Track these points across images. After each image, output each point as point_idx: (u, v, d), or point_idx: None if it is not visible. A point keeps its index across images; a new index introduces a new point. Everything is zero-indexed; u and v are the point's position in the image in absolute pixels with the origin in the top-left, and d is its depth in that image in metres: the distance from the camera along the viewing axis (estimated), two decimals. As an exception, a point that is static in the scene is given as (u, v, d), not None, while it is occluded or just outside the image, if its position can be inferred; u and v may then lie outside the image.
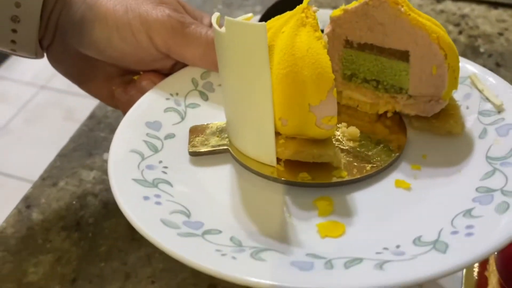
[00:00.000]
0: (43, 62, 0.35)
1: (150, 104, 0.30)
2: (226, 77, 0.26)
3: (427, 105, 0.26)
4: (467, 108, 0.29)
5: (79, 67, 0.33)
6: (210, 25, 0.32)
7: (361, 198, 0.25)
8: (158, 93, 0.30)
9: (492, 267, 0.28)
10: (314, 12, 0.24)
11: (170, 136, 0.28)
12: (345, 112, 0.29)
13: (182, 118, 0.30)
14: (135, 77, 0.33)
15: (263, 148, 0.25)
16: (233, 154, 0.27)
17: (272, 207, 0.25)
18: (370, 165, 0.26)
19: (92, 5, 0.30)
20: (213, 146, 0.27)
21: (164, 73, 0.32)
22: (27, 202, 0.36)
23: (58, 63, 0.33)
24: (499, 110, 0.27)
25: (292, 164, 0.25)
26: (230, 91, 0.26)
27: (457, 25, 0.52)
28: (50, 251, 0.32)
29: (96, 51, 0.31)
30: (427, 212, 0.24)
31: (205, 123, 0.29)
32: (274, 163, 0.25)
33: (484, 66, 0.45)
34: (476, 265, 0.28)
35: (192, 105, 0.31)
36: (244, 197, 0.25)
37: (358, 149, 0.27)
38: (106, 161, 0.37)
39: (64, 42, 0.32)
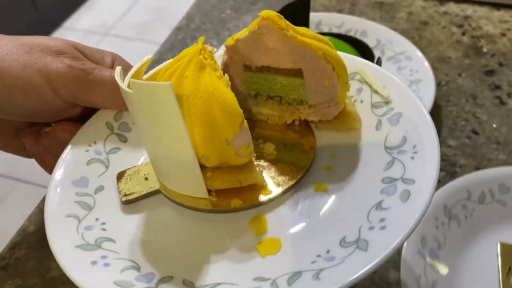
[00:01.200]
0: None
1: (72, 161, 0.29)
2: (142, 128, 0.26)
3: (326, 110, 0.29)
4: (361, 102, 0.31)
5: None
6: (112, 65, 0.32)
7: (288, 209, 0.27)
8: (77, 147, 0.30)
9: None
10: (211, 52, 0.25)
11: (99, 189, 0.28)
12: (259, 126, 0.30)
13: (107, 167, 0.30)
14: (47, 129, 0.32)
15: (193, 184, 0.26)
16: (165, 195, 0.27)
17: (214, 240, 0.26)
18: (290, 175, 0.28)
19: None
20: (144, 191, 0.28)
21: (75, 120, 0.32)
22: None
23: None
24: (387, 101, 0.29)
25: (224, 192, 0.27)
26: (150, 139, 0.26)
27: (460, 26, 0.53)
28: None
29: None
30: (347, 211, 0.26)
31: (130, 167, 0.29)
32: (206, 195, 0.26)
33: (487, 66, 0.47)
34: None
35: (112, 150, 0.31)
36: (185, 236, 0.26)
37: (277, 161, 0.29)
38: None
39: None
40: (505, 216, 0.34)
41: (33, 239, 0.35)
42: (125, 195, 0.28)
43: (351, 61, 0.31)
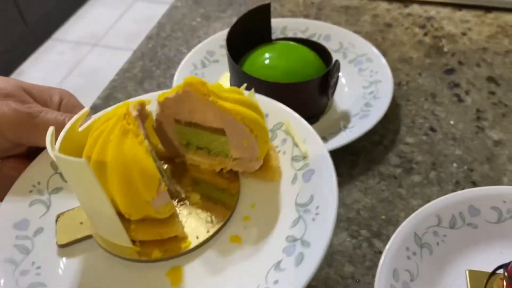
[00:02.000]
0: (42, 79, 0.36)
1: (14, 202, 0.31)
2: (70, 184, 0.28)
3: (249, 164, 0.31)
4: (284, 153, 0.32)
5: None
6: (60, 103, 0.33)
7: (205, 260, 0.28)
8: (20, 189, 0.31)
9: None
10: (135, 118, 0.27)
11: (39, 231, 0.30)
12: (192, 169, 0.32)
13: (48, 208, 0.31)
14: None
15: (118, 235, 0.28)
16: (97, 241, 0.29)
17: (136, 287, 0.28)
18: (211, 225, 0.29)
19: None
20: (78, 236, 0.29)
21: (22, 156, 0.33)
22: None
23: None
24: (304, 156, 0.31)
25: (147, 243, 0.28)
26: (77, 194, 0.28)
27: (422, 27, 0.54)
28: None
29: None
30: (252, 268, 0.27)
31: (69, 209, 0.31)
32: (130, 245, 0.28)
33: (447, 64, 0.48)
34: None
35: (55, 190, 0.32)
36: (111, 283, 0.28)
37: (200, 210, 0.30)
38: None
39: None
40: (476, 239, 0.34)
41: None
42: (61, 238, 0.29)
43: (279, 110, 0.33)
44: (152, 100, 0.30)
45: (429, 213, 0.34)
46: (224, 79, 0.48)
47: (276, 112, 0.32)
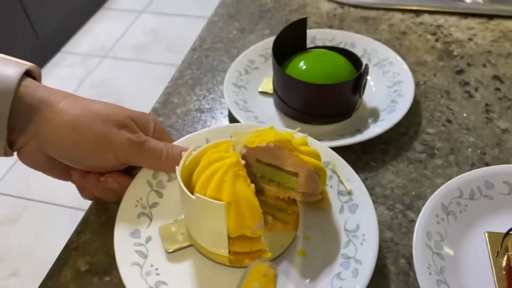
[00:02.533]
0: None
1: (126, 215, 0.39)
2: (186, 211, 0.37)
3: (309, 197, 0.40)
4: (331, 187, 0.41)
5: (47, 163, 0.40)
6: (154, 129, 0.43)
7: (282, 268, 0.38)
8: (128, 204, 0.40)
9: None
10: (244, 166, 0.36)
11: (148, 239, 0.39)
12: (261, 193, 0.41)
13: (150, 220, 0.40)
14: (102, 179, 0.41)
15: (220, 246, 0.36)
16: (197, 249, 0.38)
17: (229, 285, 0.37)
18: (283, 242, 0.39)
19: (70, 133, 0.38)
20: (182, 245, 0.38)
21: (122, 171, 0.42)
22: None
23: (27, 160, 0.40)
24: (349, 192, 0.41)
25: (238, 253, 0.37)
26: (191, 219, 0.37)
27: (433, 34, 0.62)
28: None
29: (69, 163, 0.40)
30: (318, 275, 0.37)
31: (169, 222, 0.40)
32: (227, 254, 0.37)
33: (457, 66, 0.56)
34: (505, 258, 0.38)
35: (153, 205, 0.41)
36: (210, 282, 0.37)
37: (273, 230, 0.40)
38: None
39: (39, 148, 0.39)
40: (492, 207, 0.41)
41: (95, 226, 0.43)
42: (169, 247, 0.38)
43: (329, 154, 0.43)
44: (247, 139, 0.39)
45: (452, 187, 0.41)
46: (266, 83, 0.56)
47: (326, 154, 0.42)
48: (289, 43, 0.53)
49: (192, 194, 0.35)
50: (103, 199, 0.43)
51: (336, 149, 0.46)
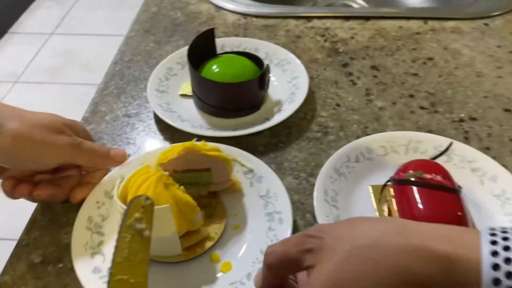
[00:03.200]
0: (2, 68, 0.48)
1: (81, 261, 0.44)
2: None
3: (225, 183, 0.49)
4: (237, 172, 0.51)
5: None
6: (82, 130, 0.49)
7: (224, 243, 0.46)
8: (78, 251, 0.44)
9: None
10: (168, 175, 0.43)
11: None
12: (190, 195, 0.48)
13: (104, 256, 0.44)
14: (35, 193, 0.46)
15: (174, 249, 0.44)
16: (156, 261, 0.44)
17: (194, 272, 0.44)
18: (218, 225, 0.47)
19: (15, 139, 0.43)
20: None
21: (47, 174, 0.48)
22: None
23: None
24: (251, 170, 0.51)
25: (188, 248, 0.45)
26: None
27: (322, 35, 0.74)
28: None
29: (6, 166, 0.46)
30: (254, 234, 0.47)
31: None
32: (181, 252, 0.44)
33: (343, 60, 0.67)
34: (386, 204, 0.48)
35: (99, 243, 0.45)
36: (178, 279, 0.44)
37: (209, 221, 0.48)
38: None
39: None
40: (373, 167, 0.52)
41: (43, 224, 0.48)
42: None
43: (227, 148, 0.52)
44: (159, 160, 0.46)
45: (341, 154, 0.52)
46: (185, 87, 0.64)
47: (224, 149, 0.51)
48: (202, 51, 0.61)
49: None
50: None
51: (249, 136, 0.56)
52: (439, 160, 0.51)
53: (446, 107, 0.60)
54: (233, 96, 0.58)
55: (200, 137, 0.55)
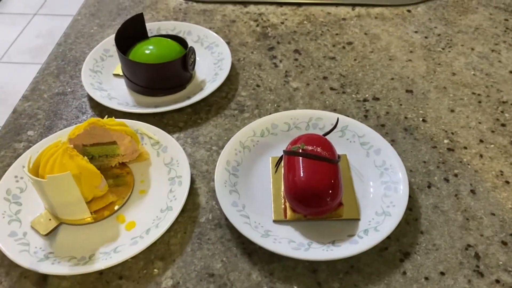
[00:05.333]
0: None
1: None
2: (45, 195, 0.48)
3: (132, 154, 0.55)
4: (145, 144, 0.57)
5: None
6: None
7: (129, 205, 0.53)
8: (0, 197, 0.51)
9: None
10: (72, 148, 0.49)
11: (25, 234, 0.49)
12: (100, 168, 0.52)
13: (20, 222, 0.50)
14: None
15: (82, 213, 0.49)
16: (66, 223, 0.50)
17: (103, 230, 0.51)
18: (125, 193, 0.53)
19: None
20: (53, 225, 0.49)
21: None
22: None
23: None
24: (158, 141, 0.57)
25: (97, 211, 0.51)
26: (51, 200, 0.48)
27: (255, 20, 0.79)
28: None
29: None
30: (155, 197, 0.54)
31: (36, 216, 0.51)
32: (89, 215, 0.50)
33: (270, 44, 0.73)
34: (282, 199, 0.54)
35: (17, 212, 0.51)
36: (88, 240, 0.49)
37: (116, 187, 0.54)
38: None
39: None
40: (277, 141, 0.58)
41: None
42: (43, 232, 0.49)
43: (134, 123, 0.58)
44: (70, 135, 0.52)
45: (248, 129, 0.58)
46: (119, 67, 0.69)
47: (132, 124, 0.57)
48: (132, 34, 0.67)
49: None
50: None
51: (172, 112, 0.62)
52: (333, 135, 0.57)
53: (354, 88, 0.66)
54: (157, 76, 0.64)
55: (125, 114, 0.61)
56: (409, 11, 0.80)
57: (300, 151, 0.51)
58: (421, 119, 0.61)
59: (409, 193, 0.52)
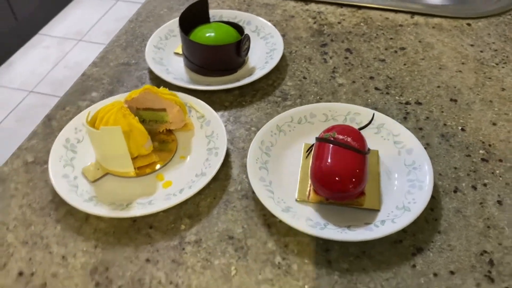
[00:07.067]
0: (30, 70, 0.64)
1: (55, 168, 0.56)
2: (99, 150, 0.55)
3: (179, 123, 0.60)
4: (192, 116, 0.62)
5: None
6: None
7: (170, 167, 0.58)
8: (54, 161, 0.56)
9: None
10: (127, 108, 0.55)
11: (75, 177, 0.56)
12: (149, 131, 0.58)
13: (73, 168, 0.57)
14: None
15: (127, 167, 0.55)
16: (112, 173, 0.56)
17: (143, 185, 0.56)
18: (168, 154, 0.59)
19: None
20: (100, 174, 0.56)
21: None
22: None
23: None
24: (202, 115, 0.62)
25: (140, 168, 0.57)
26: (101, 150, 0.54)
27: (314, 18, 0.82)
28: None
29: None
30: (192, 164, 0.58)
31: (88, 164, 0.57)
32: (133, 170, 0.55)
33: (323, 41, 0.75)
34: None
35: (72, 159, 0.58)
36: (130, 191, 0.55)
37: (160, 150, 0.59)
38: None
39: None
40: (312, 129, 0.61)
41: (40, 136, 0.62)
42: (91, 179, 0.56)
43: (186, 97, 0.63)
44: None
45: (286, 115, 0.61)
46: (179, 48, 0.75)
47: (183, 97, 0.63)
48: (196, 18, 0.72)
49: None
50: None
51: (221, 92, 0.67)
52: (369, 131, 0.59)
53: (398, 91, 0.67)
54: (212, 57, 0.69)
55: (179, 88, 0.66)
56: (468, 24, 0.80)
57: (332, 139, 0.53)
58: (460, 127, 0.62)
59: (434, 195, 0.53)
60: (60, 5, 2.53)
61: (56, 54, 2.27)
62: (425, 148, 0.58)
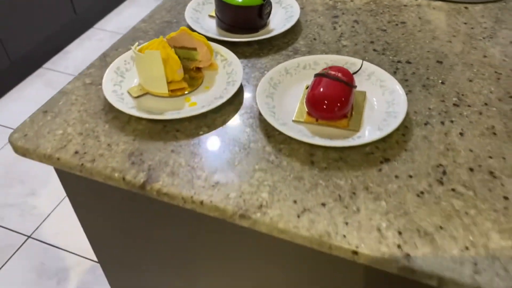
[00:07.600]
0: (83, 59, 0.80)
1: (107, 86, 0.74)
2: (140, 68, 0.70)
3: (206, 62, 0.74)
4: (217, 59, 0.77)
5: None
6: None
7: (197, 93, 0.74)
8: (107, 80, 0.72)
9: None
10: (165, 41, 0.70)
11: (122, 94, 0.70)
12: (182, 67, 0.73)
13: (121, 86, 0.72)
14: None
15: (163, 88, 0.70)
16: (150, 93, 0.71)
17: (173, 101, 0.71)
18: (196, 83, 0.73)
19: None
20: (142, 92, 0.71)
21: None
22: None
23: None
24: (226, 59, 0.76)
25: (173, 91, 0.71)
26: (143, 72, 0.70)
27: (326, -5, 0.95)
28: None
29: None
30: (214, 91, 0.77)
31: (132, 86, 0.73)
32: (167, 91, 0.70)
33: (336, 14, 0.89)
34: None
35: (121, 81, 0.73)
36: (162, 107, 0.69)
37: (190, 80, 0.74)
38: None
39: None
40: (312, 74, 0.74)
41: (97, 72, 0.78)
42: (135, 94, 0.71)
43: (214, 45, 0.78)
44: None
45: (294, 62, 0.75)
46: (213, 12, 0.90)
47: (212, 45, 0.77)
48: (229, -13, 0.87)
49: None
50: None
51: (243, 45, 0.81)
52: (361, 77, 0.71)
53: (393, 52, 0.79)
54: (238, 17, 0.83)
55: (209, 39, 0.81)
56: (466, 7, 0.91)
57: (325, 73, 0.66)
58: (440, 81, 0.73)
59: (407, 125, 0.64)
60: (116, 2, 2.77)
61: (108, 46, 2.50)
62: (407, 94, 0.70)
